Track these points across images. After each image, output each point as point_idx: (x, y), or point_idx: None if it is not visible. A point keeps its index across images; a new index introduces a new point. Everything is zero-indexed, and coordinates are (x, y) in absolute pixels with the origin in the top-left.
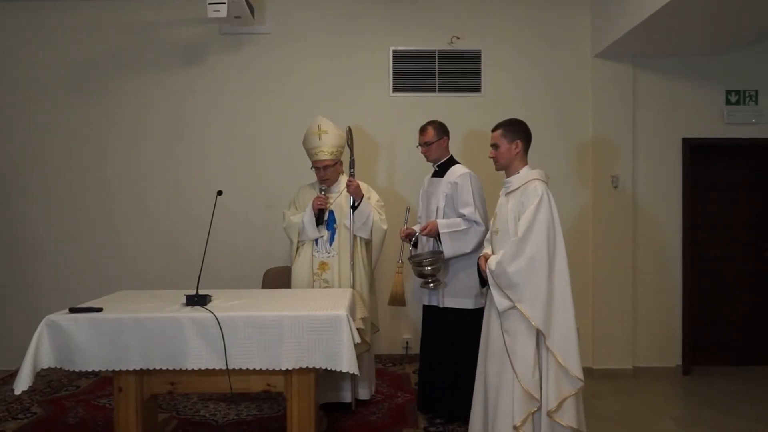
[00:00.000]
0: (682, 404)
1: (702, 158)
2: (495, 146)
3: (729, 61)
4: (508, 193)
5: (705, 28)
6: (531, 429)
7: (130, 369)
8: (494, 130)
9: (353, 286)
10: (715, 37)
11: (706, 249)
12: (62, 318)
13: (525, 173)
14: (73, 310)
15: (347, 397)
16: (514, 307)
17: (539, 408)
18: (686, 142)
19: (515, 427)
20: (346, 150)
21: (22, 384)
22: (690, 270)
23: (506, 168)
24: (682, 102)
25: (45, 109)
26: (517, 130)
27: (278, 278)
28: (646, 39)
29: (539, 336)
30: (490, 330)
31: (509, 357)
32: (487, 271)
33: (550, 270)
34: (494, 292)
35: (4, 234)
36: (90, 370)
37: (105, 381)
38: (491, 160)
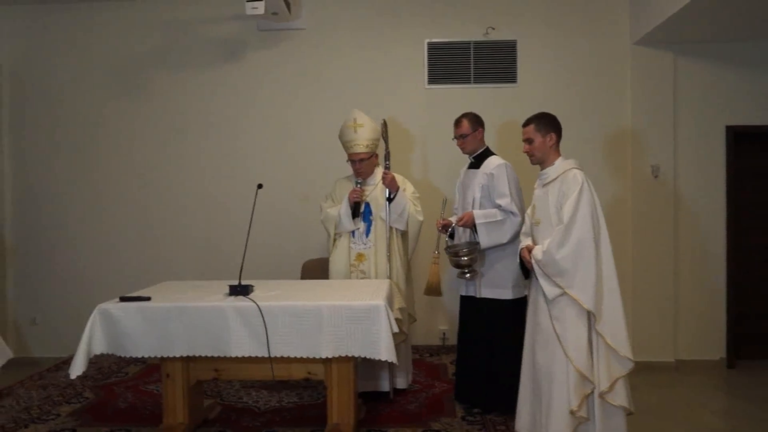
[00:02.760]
0: (725, 398)
1: (746, 146)
2: (529, 141)
3: None
4: (545, 185)
5: (750, 11)
6: (586, 411)
7: (177, 356)
8: (525, 125)
9: (390, 277)
10: (761, 20)
11: (750, 239)
12: (113, 306)
13: (560, 164)
14: (123, 299)
15: (385, 386)
16: (563, 294)
17: (593, 390)
18: (730, 129)
19: (572, 411)
20: (382, 142)
21: (77, 369)
22: (734, 261)
23: (542, 161)
24: (725, 89)
25: (84, 104)
26: (549, 123)
27: (315, 270)
28: (688, 24)
29: (590, 319)
30: (539, 319)
31: (561, 343)
32: (533, 261)
33: (597, 254)
34: (542, 282)
35: (52, 227)
36: (139, 356)
37: (152, 368)
38: (525, 154)
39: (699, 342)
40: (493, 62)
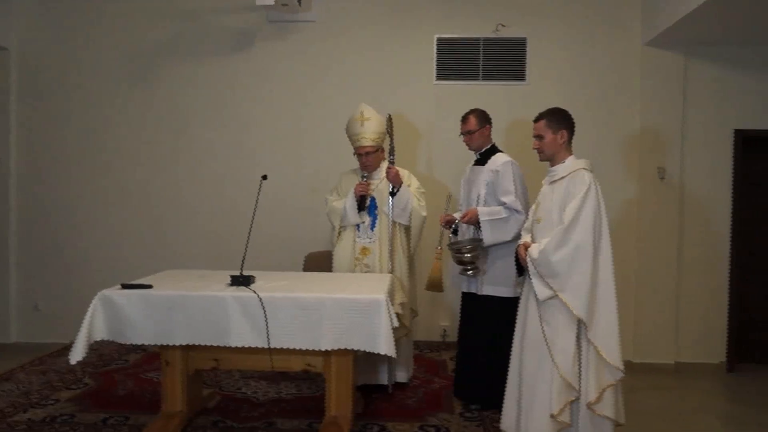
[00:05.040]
0: (724, 401)
1: (754, 151)
2: (539, 137)
3: None
4: (552, 182)
5: (760, 14)
6: (569, 417)
7: (177, 344)
8: (537, 120)
9: (392, 272)
10: None
11: (755, 244)
12: (115, 293)
13: (571, 162)
14: (125, 287)
15: (384, 379)
16: (555, 297)
17: (577, 398)
18: (738, 133)
19: (552, 416)
20: (387, 137)
21: (77, 355)
22: (738, 266)
23: (551, 158)
24: (734, 92)
25: (93, 94)
26: (561, 120)
27: (319, 262)
28: (699, 26)
29: (580, 326)
30: (527, 319)
31: (548, 347)
32: (528, 259)
33: (595, 260)
34: (535, 281)
35: (57, 213)
36: (140, 343)
37: (152, 356)
38: (535, 150)
39: (700, 345)
40: (503, 59)
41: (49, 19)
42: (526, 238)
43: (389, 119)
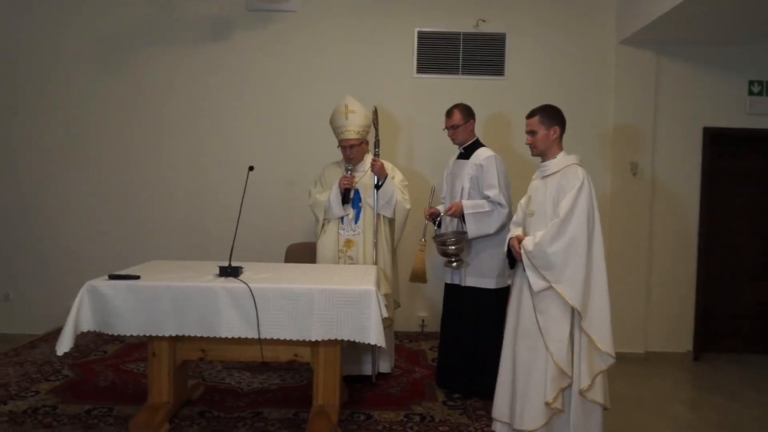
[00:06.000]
0: (691, 389)
1: (722, 148)
2: (532, 133)
3: (753, 51)
4: (544, 177)
5: (732, 17)
6: (561, 404)
7: (166, 335)
8: (530, 116)
9: (376, 263)
10: (741, 26)
11: (722, 238)
12: (102, 284)
13: (562, 158)
14: (112, 277)
15: (368, 369)
16: (550, 288)
17: (570, 384)
18: (707, 131)
19: (547, 403)
20: (372, 129)
21: (64, 346)
22: (705, 258)
23: (543, 154)
24: (704, 91)
25: (69, 81)
26: (553, 116)
27: (300, 254)
28: (672, 27)
29: (573, 315)
30: (522, 310)
31: (542, 336)
32: (522, 252)
33: (588, 252)
34: (530, 273)
35: (29, 202)
36: (127, 334)
37: (131, 347)
38: (527, 146)
39: (668, 335)
40: (482, 54)
41: (21, 7)
42: (516, 231)
43: (375, 112)
